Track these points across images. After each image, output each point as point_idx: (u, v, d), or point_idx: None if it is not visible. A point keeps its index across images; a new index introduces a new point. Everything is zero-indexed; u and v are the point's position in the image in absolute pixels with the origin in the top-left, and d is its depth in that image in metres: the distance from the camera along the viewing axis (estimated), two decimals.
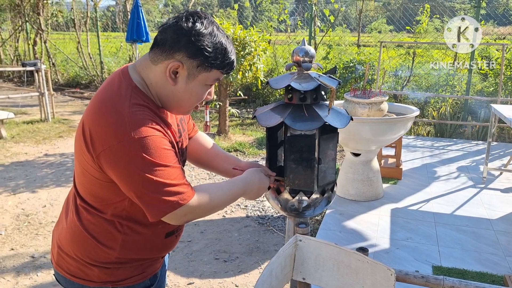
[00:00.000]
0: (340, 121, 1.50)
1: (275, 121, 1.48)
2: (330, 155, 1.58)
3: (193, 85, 1.20)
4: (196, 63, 1.17)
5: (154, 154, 1.10)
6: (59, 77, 12.12)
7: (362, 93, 3.88)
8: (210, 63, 1.17)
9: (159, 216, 1.13)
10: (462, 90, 7.35)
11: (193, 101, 1.23)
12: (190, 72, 1.18)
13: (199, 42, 1.15)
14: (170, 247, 1.39)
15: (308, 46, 1.58)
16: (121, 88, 1.17)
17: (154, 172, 1.10)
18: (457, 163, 5.09)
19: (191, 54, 1.16)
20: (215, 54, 1.17)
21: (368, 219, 3.56)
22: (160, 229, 1.30)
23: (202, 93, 1.23)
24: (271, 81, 1.56)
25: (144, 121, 1.12)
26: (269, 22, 8.87)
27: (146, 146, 1.09)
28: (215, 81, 1.23)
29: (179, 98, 1.21)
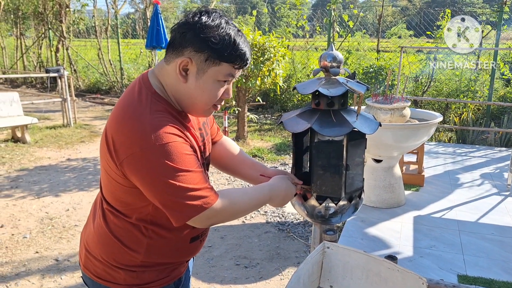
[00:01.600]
0: (368, 127, 1.49)
1: (302, 127, 1.47)
2: (358, 162, 1.57)
3: (204, 80, 1.16)
4: (204, 57, 1.14)
5: (175, 160, 1.10)
6: (81, 83, 12.36)
7: (384, 98, 3.85)
8: (218, 56, 1.13)
9: (183, 220, 1.13)
10: (484, 96, 7.22)
11: (206, 99, 1.19)
12: (199, 67, 1.15)
13: (204, 35, 1.12)
14: (194, 251, 1.39)
15: (336, 52, 1.57)
16: (141, 95, 1.17)
17: (177, 177, 1.10)
18: (480, 170, 4.99)
19: (197, 48, 1.13)
20: (222, 46, 1.13)
21: (391, 227, 3.51)
22: (185, 234, 1.30)
23: (214, 89, 1.18)
24: (298, 86, 1.56)
25: (165, 127, 1.11)
26: (287, 28, 8.88)
27: (168, 152, 1.09)
28: (227, 76, 1.18)
29: (191, 95, 1.18)
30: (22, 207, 4.05)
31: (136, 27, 12.22)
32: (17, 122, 6.24)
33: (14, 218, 3.82)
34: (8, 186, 4.60)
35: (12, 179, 4.81)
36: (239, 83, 5.70)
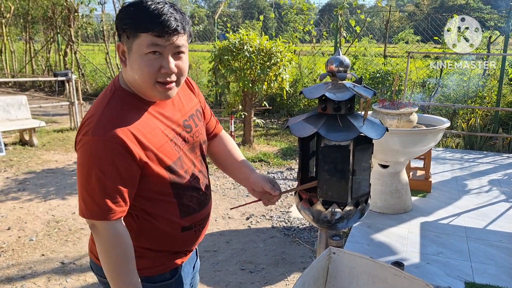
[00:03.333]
0: (375, 132, 1.48)
1: (309, 131, 1.47)
2: (365, 167, 1.56)
3: (133, 58, 1.16)
4: (125, 35, 1.14)
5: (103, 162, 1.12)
6: (88, 87, 12.44)
7: (390, 104, 3.83)
8: (133, 28, 1.12)
9: (80, 214, 1.19)
10: (492, 102, 7.16)
11: (142, 76, 1.16)
12: (127, 46, 1.16)
13: (118, 15, 1.16)
14: (189, 242, 1.39)
15: (343, 56, 1.56)
16: (107, 90, 1.24)
17: (95, 177, 1.13)
18: (488, 176, 4.94)
19: (120, 29, 1.16)
20: (132, 17, 1.12)
21: (397, 232, 3.48)
22: (174, 223, 1.31)
23: (144, 64, 1.15)
24: (305, 91, 1.55)
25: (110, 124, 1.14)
26: (294, 32, 8.89)
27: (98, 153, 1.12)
28: (151, 47, 1.13)
29: (133, 77, 1.19)
30: (29, 209, 4.07)
31: None
32: (25, 126, 6.29)
33: (21, 220, 3.84)
34: (16, 188, 4.63)
35: (20, 182, 4.84)
36: (245, 88, 5.71)
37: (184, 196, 1.31)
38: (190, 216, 1.34)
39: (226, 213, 4.08)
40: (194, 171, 1.35)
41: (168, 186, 1.27)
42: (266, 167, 5.52)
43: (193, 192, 1.34)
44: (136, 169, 1.18)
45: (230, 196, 4.54)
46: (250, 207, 4.21)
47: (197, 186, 1.36)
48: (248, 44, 5.67)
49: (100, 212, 1.14)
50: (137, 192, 1.22)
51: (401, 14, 19.99)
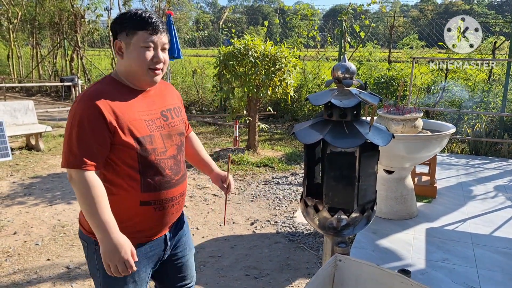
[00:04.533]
0: (381, 139, 1.49)
1: (315, 138, 1.48)
2: (371, 173, 1.56)
3: (131, 50, 1.49)
4: (125, 33, 1.49)
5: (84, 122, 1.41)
6: None
7: (395, 109, 3.83)
8: (132, 28, 1.48)
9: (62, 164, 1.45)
10: (497, 107, 7.14)
11: (139, 63, 1.50)
12: (126, 42, 1.50)
13: (119, 19, 1.52)
14: (149, 221, 1.56)
15: (349, 63, 1.57)
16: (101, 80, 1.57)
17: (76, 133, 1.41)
18: (493, 182, 4.92)
19: (119, 30, 1.51)
20: (131, 20, 1.49)
21: (402, 238, 3.47)
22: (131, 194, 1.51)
23: (141, 54, 1.50)
24: (310, 97, 1.56)
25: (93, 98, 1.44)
26: (299, 38, 8.92)
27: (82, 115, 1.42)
28: (147, 42, 1.49)
29: (129, 66, 1.51)
30: (35, 214, 4.09)
31: None
32: (31, 130, 6.33)
33: (27, 225, 3.86)
34: (22, 193, 4.66)
35: (26, 187, 4.87)
36: (250, 93, 5.72)
37: (147, 172, 1.52)
38: (150, 192, 1.53)
39: (230, 218, 4.09)
40: (164, 154, 1.57)
41: (135, 159, 1.49)
42: (271, 172, 5.52)
43: (157, 171, 1.54)
44: (107, 133, 1.44)
45: (235, 201, 4.54)
46: (254, 212, 4.21)
47: (162, 167, 1.55)
48: (253, 50, 5.69)
49: (76, 162, 1.40)
50: (107, 160, 1.48)
51: (405, 20, 19.97)
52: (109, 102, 1.45)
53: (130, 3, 10.96)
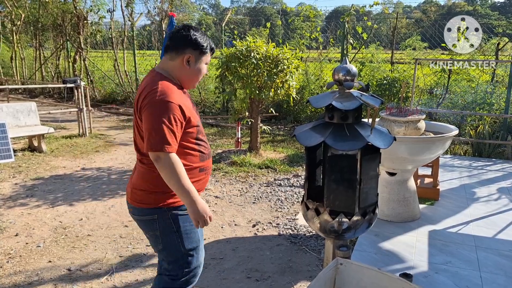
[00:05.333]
0: (383, 141, 1.48)
1: (316, 140, 1.47)
2: (372, 176, 1.55)
3: (199, 65, 1.95)
4: (198, 52, 1.93)
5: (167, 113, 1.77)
6: (97, 94, 12.54)
7: (398, 111, 3.81)
8: (205, 49, 1.95)
9: (147, 149, 1.78)
10: (501, 109, 7.10)
11: (199, 76, 1.99)
12: (196, 58, 1.94)
13: (196, 41, 1.92)
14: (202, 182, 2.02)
15: (350, 65, 1.56)
16: (154, 77, 1.90)
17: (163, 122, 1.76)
18: (497, 184, 4.89)
19: (194, 47, 1.92)
20: (206, 45, 1.95)
21: (405, 241, 3.45)
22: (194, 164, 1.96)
23: (204, 69, 1.99)
24: (311, 99, 1.55)
25: (170, 92, 1.82)
26: (301, 39, 8.91)
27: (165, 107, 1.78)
28: (209, 61, 2.00)
29: (191, 75, 1.96)
30: (37, 216, 4.10)
31: (151, 39, 12.40)
32: (34, 132, 6.34)
33: (29, 227, 3.86)
34: (24, 195, 4.67)
35: (28, 188, 4.87)
36: (252, 94, 5.72)
37: (200, 147, 1.97)
38: (204, 161, 1.99)
39: (232, 220, 4.08)
40: (202, 133, 2.02)
41: (194, 138, 1.93)
42: (273, 174, 5.50)
43: (205, 146, 2.01)
44: (182, 120, 1.84)
45: (237, 203, 4.53)
46: (256, 214, 4.20)
47: (205, 142, 2.03)
48: (255, 51, 5.68)
49: (165, 146, 1.75)
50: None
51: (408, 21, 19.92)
52: (180, 98, 1.86)
53: (133, 5, 10.97)
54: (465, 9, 38.76)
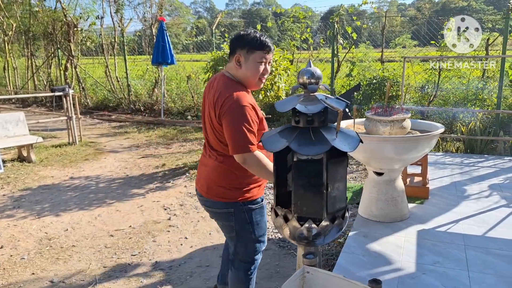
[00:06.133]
0: (349, 144, 1.43)
1: (280, 145, 1.42)
2: (340, 180, 1.50)
3: (249, 64, 2.02)
4: (245, 50, 2.02)
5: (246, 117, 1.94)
6: (89, 101, 12.49)
7: (383, 110, 3.77)
8: (252, 47, 2.01)
9: (233, 151, 1.97)
10: (493, 104, 7.08)
11: (254, 75, 2.04)
12: (245, 57, 2.03)
13: (243, 39, 2.03)
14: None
15: (314, 68, 1.52)
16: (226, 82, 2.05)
17: (244, 126, 1.93)
18: (488, 180, 4.85)
19: (241, 47, 2.03)
20: (252, 41, 2.01)
21: (393, 241, 3.40)
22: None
23: (256, 68, 2.04)
24: (277, 104, 1.51)
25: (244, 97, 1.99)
26: (292, 41, 8.88)
27: (243, 112, 1.95)
28: (262, 58, 2.03)
29: (246, 75, 2.04)
30: (23, 227, 4.04)
31: (142, 44, 12.36)
32: (22, 142, 6.29)
33: (14, 239, 3.81)
34: (11, 206, 4.61)
35: (15, 199, 4.82)
36: None
37: None
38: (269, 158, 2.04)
39: None
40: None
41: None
42: None
43: None
44: (257, 120, 2.00)
45: None
46: None
47: None
48: None
49: (249, 147, 1.93)
50: None
51: (403, 19, 19.95)
52: (251, 99, 2.03)
53: (122, 11, 10.94)
54: (460, 5, 38.72)
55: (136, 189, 5.10)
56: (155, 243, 3.66)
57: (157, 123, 9.61)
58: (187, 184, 5.22)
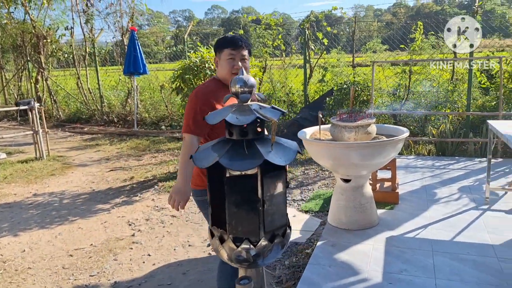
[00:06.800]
0: (284, 157, 1.34)
1: (210, 160, 1.32)
2: (278, 195, 1.41)
3: (222, 63, 2.25)
4: (218, 52, 2.27)
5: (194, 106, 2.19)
6: (61, 113, 12.19)
7: (348, 116, 3.71)
8: (219, 46, 2.26)
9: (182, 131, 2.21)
10: (463, 106, 7.13)
11: (228, 72, 2.22)
12: (219, 57, 2.28)
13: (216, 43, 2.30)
14: None
15: (247, 75, 1.43)
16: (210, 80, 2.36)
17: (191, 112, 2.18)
18: (458, 183, 4.84)
19: (215, 50, 2.29)
20: (220, 41, 2.28)
21: (361, 250, 3.33)
22: None
23: (228, 65, 2.22)
24: (208, 116, 1.41)
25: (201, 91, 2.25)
26: (264, 48, 8.83)
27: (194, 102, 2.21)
28: (230, 55, 2.21)
29: (222, 74, 2.26)
30: None
31: (114, 54, 12.13)
32: None
33: None
34: None
35: None
36: None
37: None
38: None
39: (187, 240, 3.89)
40: None
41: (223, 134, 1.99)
42: None
43: None
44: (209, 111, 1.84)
45: (194, 221, 4.35)
46: None
47: None
48: (210, 62, 5.55)
49: (185, 128, 2.17)
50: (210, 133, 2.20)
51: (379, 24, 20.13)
52: (213, 95, 2.19)
53: (92, 21, 10.73)
54: (434, 9, 39.59)
55: (102, 204, 4.92)
56: (116, 261, 3.50)
57: (130, 134, 9.41)
58: (154, 197, 5.07)
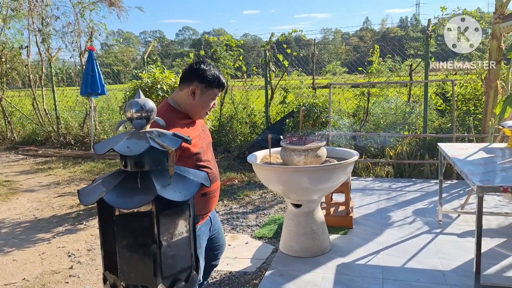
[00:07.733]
0: (184, 191, 1.18)
1: (96, 196, 1.14)
2: (179, 234, 1.24)
3: (203, 98, 2.12)
4: (203, 85, 2.11)
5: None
6: (15, 135, 11.64)
7: (298, 139, 3.61)
8: (211, 85, 2.12)
9: None
10: (420, 128, 7.22)
11: (204, 108, 2.14)
12: (201, 91, 2.11)
13: (203, 74, 2.10)
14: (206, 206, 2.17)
15: (144, 99, 1.27)
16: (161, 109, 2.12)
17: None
18: (413, 205, 4.80)
19: (200, 81, 2.10)
20: (213, 80, 2.12)
21: (310, 280, 3.17)
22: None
23: (208, 103, 2.15)
24: (97, 146, 1.23)
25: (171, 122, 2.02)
26: (225, 69, 8.75)
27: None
28: (215, 95, 2.16)
29: (196, 107, 2.12)
30: None
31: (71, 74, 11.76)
32: None
33: None
34: None
35: None
36: None
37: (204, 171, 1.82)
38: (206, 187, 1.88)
39: None
40: (209, 158, 2.21)
41: (194, 163, 2.05)
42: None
43: (209, 170, 2.13)
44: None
45: None
46: None
47: (211, 167, 2.18)
48: (162, 83, 5.38)
49: None
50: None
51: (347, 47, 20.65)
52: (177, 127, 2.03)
53: (49, 40, 10.39)
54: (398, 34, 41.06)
55: (43, 233, 4.58)
56: None
57: (86, 157, 9.02)
58: None
